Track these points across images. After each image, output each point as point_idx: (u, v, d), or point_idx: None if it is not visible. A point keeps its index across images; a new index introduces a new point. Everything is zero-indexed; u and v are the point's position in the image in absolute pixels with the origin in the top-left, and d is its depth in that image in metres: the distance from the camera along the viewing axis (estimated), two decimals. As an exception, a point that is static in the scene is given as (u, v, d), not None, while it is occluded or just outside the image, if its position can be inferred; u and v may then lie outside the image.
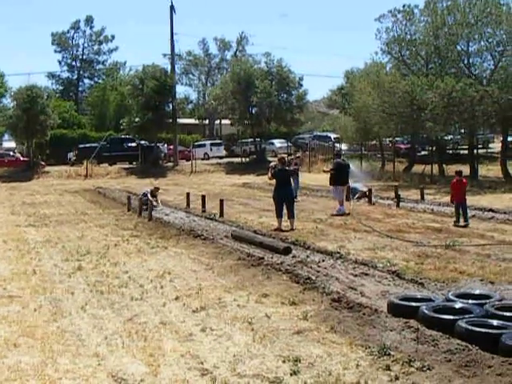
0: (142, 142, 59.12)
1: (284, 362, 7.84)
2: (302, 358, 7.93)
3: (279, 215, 19.95)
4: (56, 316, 10.18)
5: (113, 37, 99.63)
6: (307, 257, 14.71)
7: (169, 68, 62.74)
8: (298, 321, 9.56)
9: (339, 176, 23.40)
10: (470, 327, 8.17)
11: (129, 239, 18.38)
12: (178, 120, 61.56)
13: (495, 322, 8.39)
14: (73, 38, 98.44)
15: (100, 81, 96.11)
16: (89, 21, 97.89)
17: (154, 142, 58.82)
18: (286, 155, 23.60)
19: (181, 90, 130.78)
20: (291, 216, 19.85)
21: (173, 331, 9.24)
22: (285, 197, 19.98)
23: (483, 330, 8.11)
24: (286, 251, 15.05)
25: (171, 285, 12.32)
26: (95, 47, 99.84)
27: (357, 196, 27.35)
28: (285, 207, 19.92)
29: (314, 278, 12.21)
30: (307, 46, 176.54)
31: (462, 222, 19.91)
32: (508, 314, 8.75)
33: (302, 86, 61.50)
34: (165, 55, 75.52)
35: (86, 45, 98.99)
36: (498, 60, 39.93)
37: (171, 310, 10.40)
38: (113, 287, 12.17)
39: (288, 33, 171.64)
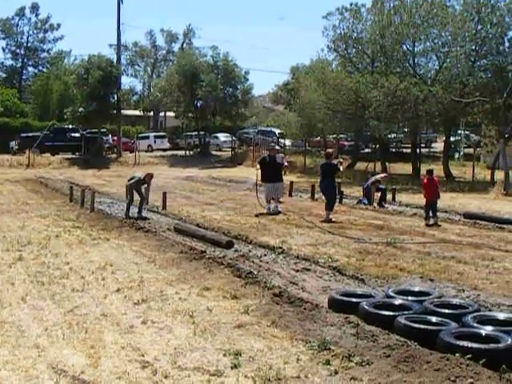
0: (88, 131, 58.49)
1: (225, 355, 7.85)
2: (242, 351, 7.96)
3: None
4: (-5, 306, 10.06)
5: (58, 25, 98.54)
6: (249, 251, 14.78)
7: (114, 58, 62.24)
8: (239, 315, 9.58)
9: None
10: (408, 323, 8.28)
11: (70, 230, 18.16)
12: (122, 111, 61.30)
13: (434, 319, 8.50)
14: (17, 25, 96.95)
15: (44, 69, 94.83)
16: (34, 8, 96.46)
17: (97, 132, 58.15)
18: (331, 150, 24.72)
19: (126, 81, 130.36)
20: (327, 208, 20.94)
21: (114, 323, 9.19)
22: (325, 188, 21.61)
23: (422, 326, 8.22)
24: (228, 245, 15.08)
25: (113, 277, 12.23)
26: (40, 35, 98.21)
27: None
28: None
29: (255, 272, 12.24)
30: (254, 41, 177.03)
31: (431, 221, 19.95)
32: (446, 311, 8.90)
33: (247, 80, 61.90)
34: (111, 45, 74.86)
35: (30, 32, 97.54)
36: (442, 61, 40.65)
37: (112, 302, 10.33)
38: (54, 278, 12.03)
39: (235, 27, 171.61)
